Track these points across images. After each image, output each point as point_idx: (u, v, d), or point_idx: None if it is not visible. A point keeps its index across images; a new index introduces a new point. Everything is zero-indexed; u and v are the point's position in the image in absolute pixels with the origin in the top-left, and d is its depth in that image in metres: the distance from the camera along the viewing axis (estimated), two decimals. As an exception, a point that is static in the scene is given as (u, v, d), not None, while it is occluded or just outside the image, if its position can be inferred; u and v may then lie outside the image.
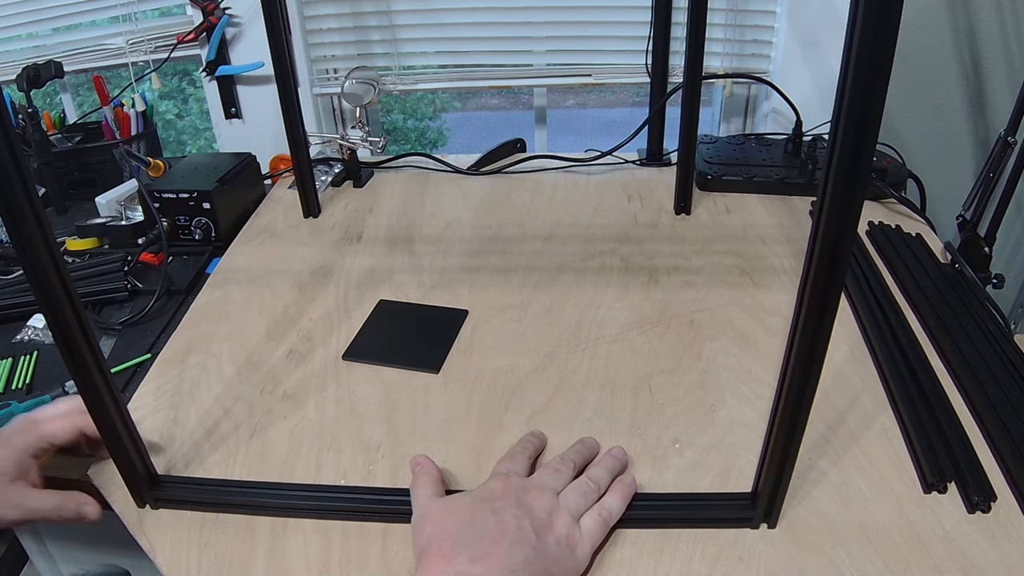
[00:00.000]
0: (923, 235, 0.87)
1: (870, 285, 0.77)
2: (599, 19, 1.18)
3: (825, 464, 0.56)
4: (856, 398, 0.63)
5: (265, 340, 0.74)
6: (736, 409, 0.62)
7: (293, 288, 0.83)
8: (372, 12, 1.18)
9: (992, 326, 0.69)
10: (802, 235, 0.89)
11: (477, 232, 0.94)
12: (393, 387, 0.67)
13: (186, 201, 0.93)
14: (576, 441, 0.57)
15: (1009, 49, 1.09)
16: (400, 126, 3.48)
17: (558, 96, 3.62)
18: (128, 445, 0.51)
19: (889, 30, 0.32)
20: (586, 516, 0.49)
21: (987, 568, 0.47)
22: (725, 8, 1.13)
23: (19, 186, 0.39)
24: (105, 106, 1.14)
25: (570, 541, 0.47)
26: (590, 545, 0.48)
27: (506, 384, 0.66)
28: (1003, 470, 0.54)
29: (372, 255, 0.89)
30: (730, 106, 1.29)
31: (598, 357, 0.69)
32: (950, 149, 1.19)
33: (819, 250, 0.38)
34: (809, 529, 0.51)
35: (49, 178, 1.08)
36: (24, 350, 0.76)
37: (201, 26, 1.16)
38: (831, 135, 0.36)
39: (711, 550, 0.50)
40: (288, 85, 0.90)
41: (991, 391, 0.61)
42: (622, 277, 0.82)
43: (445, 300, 0.79)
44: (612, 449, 0.56)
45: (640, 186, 1.05)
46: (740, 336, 0.71)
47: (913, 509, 0.52)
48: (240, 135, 1.28)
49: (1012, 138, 0.84)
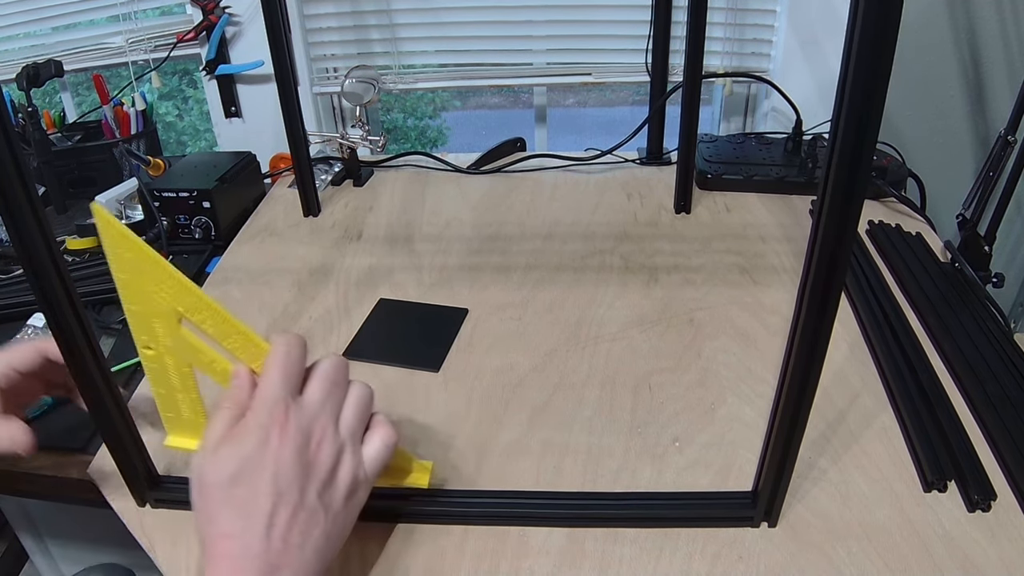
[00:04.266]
0: (923, 234, 0.87)
1: (870, 284, 0.77)
2: (599, 18, 1.18)
3: (825, 463, 0.56)
4: (856, 397, 0.63)
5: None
6: (736, 408, 0.62)
7: (293, 287, 0.83)
8: (372, 11, 1.18)
9: (992, 325, 0.70)
10: (802, 234, 0.89)
11: (477, 231, 0.94)
12: (393, 386, 0.67)
13: (186, 200, 0.93)
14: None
15: (1009, 49, 1.09)
16: (400, 125, 3.47)
17: (558, 95, 3.61)
18: (128, 445, 0.51)
19: (889, 30, 0.32)
20: (369, 445, 0.45)
21: (987, 567, 0.47)
22: (725, 7, 1.13)
23: (19, 185, 0.39)
24: (105, 105, 1.14)
25: (354, 486, 0.44)
26: (373, 477, 0.46)
27: (506, 383, 0.66)
28: (1003, 469, 0.54)
29: (372, 254, 0.90)
30: (730, 105, 1.29)
31: (598, 356, 0.69)
32: (950, 148, 1.19)
33: (819, 249, 0.38)
34: (809, 528, 0.51)
35: (49, 177, 1.08)
36: (24, 349, 0.76)
37: (201, 25, 1.16)
38: (831, 134, 0.36)
39: (711, 549, 0.50)
40: (288, 84, 0.90)
41: (991, 390, 0.61)
42: (622, 276, 0.82)
43: (445, 299, 0.79)
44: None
45: (640, 185, 1.05)
46: (740, 335, 0.71)
47: (913, 508, 0.52)
48: (240, 134, 1.28)
49: (1012, 137, 0.84)
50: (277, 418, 0.42)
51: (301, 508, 0.41)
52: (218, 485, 0.40)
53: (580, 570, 0.49)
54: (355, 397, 0.46)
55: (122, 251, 0.41)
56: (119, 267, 0.42)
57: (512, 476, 0.56)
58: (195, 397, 0.47)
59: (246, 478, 0.40)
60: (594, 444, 0.59)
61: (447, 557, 0.50)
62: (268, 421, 0.41)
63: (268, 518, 0.40)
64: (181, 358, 0.45)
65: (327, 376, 0.45)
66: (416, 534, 0.52)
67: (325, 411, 0.44)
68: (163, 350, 0.45)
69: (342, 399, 0.45)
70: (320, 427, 0.43)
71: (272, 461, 0.41)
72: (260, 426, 0.41)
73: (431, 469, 0.53)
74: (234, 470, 0.40)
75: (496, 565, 0.49)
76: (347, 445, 0.44)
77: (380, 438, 0.46)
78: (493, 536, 0.51)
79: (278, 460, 0.41)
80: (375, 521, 0.53)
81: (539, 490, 0.55)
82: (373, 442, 0.46)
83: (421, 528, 0.52)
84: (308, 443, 0.42)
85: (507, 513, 0.53)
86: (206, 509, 0.41)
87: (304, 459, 0.42)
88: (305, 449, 0.42)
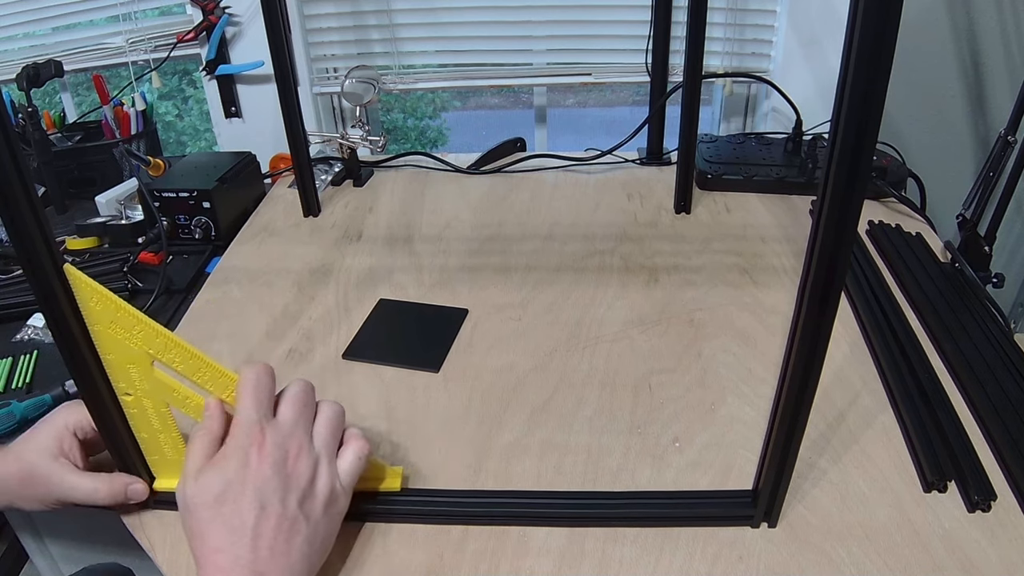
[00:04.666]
0: (923, 234, 0.87)
1: (870, 284, 0.77)
2: (599, 18, 1.18)
3: (825, 463, 0.56)
4: (856, 397, 0.63)
5: (265, 339, 0.74)
6: (736, 408, 0.62)
7: (293, 287, 0.83)
8: (372, 11, 1.18)
9: (992, 325, 0.70)
10: (802, 234, 0.89)
11: (477, 231, 0.94)
12: (393, 386, 0.67)
13: (186, 200, 0.93)
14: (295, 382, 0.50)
15: (1009, 49, 1.09)
16: (400, 125, 3.47)
17: (558, 95, 3.62)
18: (128, 445, 0.51)
19: (889, 30, 0.32)
20: (344, 459, 0.48)
21: (987, 567, 0.47)
22: (725, 7, 1.13)
23: (18, 185, 0.39)
24: (105, 105, 1.14)
25: (332, 496, 0.46)
26: (350, 488, 0.48)
27: (506, 383, 0.66)
28: (1003, 469, 0.54)
29: (372, 254, 0.89)
30: (730, 105, 1.29)
31: (598, 356, 0.69)
32: (950, 148, 1.19)
33: (819, 249, 0.38)
34: (809, 528, 0.51)
35: (49, 177, 1.08)
36: (24, 349, 0.76)
37: (201, 25, 1.16)
38: (831, 134, 0.36)
39: (711, 549, 0.50)
40: (288, 84, 0.90)
41: (991, 390, 0.61)
42: (622, 276, 0.82)
43: (445, 299, 0.79)
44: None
45: (640, 185, 1.05)
46: (740, 335, 0.71)
47: (913, 508, 0.52)
48: (240, 134, 1.28)
49: (1012, 137, 0.84)
50: (255, 438, 0.45)
51: (283, 518, 0.43)
52: (205, 506, 0.43)
53: (580, 570, 0.49)
54: (326, 415, 0.49)
55: (93, 303, 0.43)
56: (92, 319, 0.44)
57: (512, 476, 0.56)
58: (175, 436, 0.50)
59: (231, 496, 0.43)
60: (594, 444, 0.59)
61: (447, 557, 0.50)
62: (247, 442, 0.45)
63: (253, 530, 0.42)
64: (158, 398, 0.48)
65: (297, 398, 0.48)
66: (416, 534, 0.52)
67: (299, 428, 0.47)
68: (141, 394, 0.48)
69: (312, 417, 0.49)
70: (296, 443, 0.46)
71: (253, 478, 0.44)
72: (239, 448, 0.44)
73: (401, 473, 0.55)
74: (219, 491, 0.43)
75: (496, 565, 0.49)
76: (322, 458, 0.47)
77: (353, 451, 0.49)
78: (493, 536, 0.51)
79: (258, 476, 0.44)
80: (375, 521, 0.53)
81: (539, 490, 0.55)
82: (347, 455, 0.49)
83: (421, 528, 0.52)
84: (286, 458, 0.45)
85: (507, 513, 0.53)
86: (196, 529, 0.43)
87: (283, 473, 0.45)
88: (283, 464, 0.45)
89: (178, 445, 0.51)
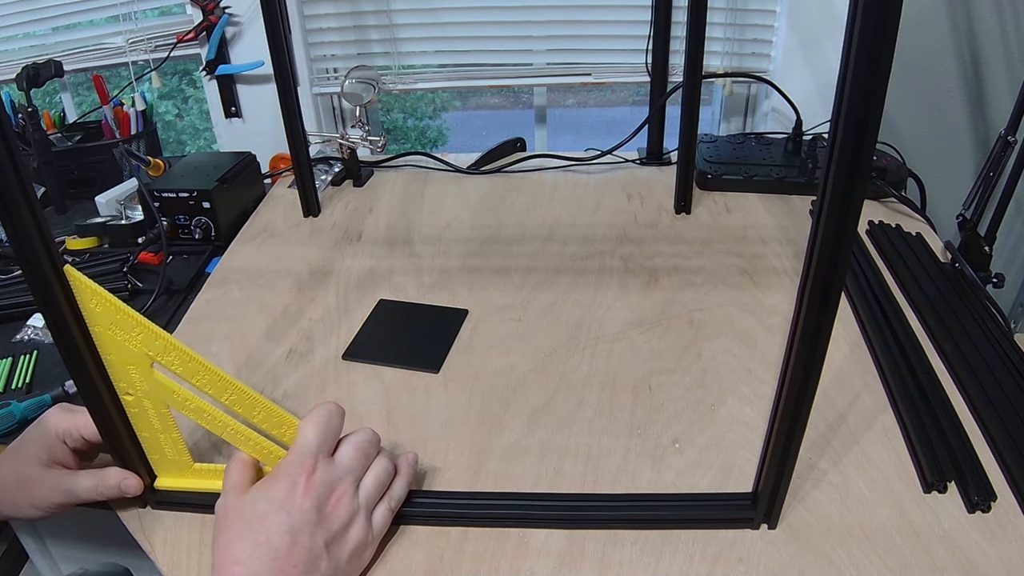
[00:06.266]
0: (923, 234, 0.87)
1: (870, 284, 0.77)
2: (599, 18, 1.18)
3: (825, 464, 0.56)
4: (856, 398, 0.63)
5: (265, 340, 0.74)
6: (736, 409, 0.62)
7: (293, 288, 0.83)
8: (372, 11, 1.18)
9: (992, 325, 0.69)
10: (802, 235, 0.89)
11: (477, 232, 0.94)
12: (393, 387, 0.67)
13: (186, 200, 0.93)
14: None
15: (1009, 49, 1.09)
16: (400, 125, 3.47)
17: (558, 95, 3.62)
18: (128, 445, 0.51)
19: (889, 30, 0.32)
20: (377, 511, 0.49)
21: (987, 568, 0.47)
22: (725, 7, 1.13)
23: (17, 186, 0.39)
24: (105, 105, 1.14)
25: (360, 548, 0.47)
26: (377, 541, 0.49)
27: (506, 384, 0.66)
28: (1003, 470, 0.54)
29: (372, 255, 0.89)
30: (730, 105, 1.29)
31: (598, 357, 0.69)
32: (950, 148, 1.19)
33: (819, 250, 0.38)
34: (809, 529, 0.51)
35: (49, 177, 1.08)
36: (24, 350, 0.76)
37: (201, 25, 1.16)
38: (831, 134, 0.36)
39: (711, 550, 0.50)
40: (288, 84, 0.90)
41: (991, 391, 0.61)
42: (622, 277, 0.82)
43: (445, 300, 0.79)
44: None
45: (640, 185, 1.05)
46: (740, 336, 0.71)
47: (913, 509, 0.52)
48: (240, 134, 1.28)
49: (1012, 137, 0.84)
50: (306, 468, 0.46)
51: (309, 552, 0.44)
52: (242, 522, 0.45)
53: (580, 571, 0.49)
54: (378, 470, 0.50)
55: (93, 305, 0.44)
56: (92, 320, 0.45)
57: (512, 477, 0.56)
58: (175, 436, 0.51)
59: (270, 518, 0.44)
60: (594, 445, 0.59)
61: (447, 558, 0.50)
62: (298, 471, 0.46)
63: (277, 551, 0.43)
64: (158, 399, 0.48)
65: (359, 445, 0.50)
66: (416, 535, 0.52)
67: (350, 475, 0.48)
68: (141, 394, 0.48)
69: (366, 468, 0.50)
70: (343, 487, 0.47)
71: (293, 507, 0.45)
72: (289, 474, 0.46)
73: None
74: (261, 510, 0.45)
75: (496, 567, 0.49)
76: (361, 511, 0.48)
77: (389, 506, 0.50)
78: (493, 537, 0.51)
79: (299, 507, 0.45)
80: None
81: (539, 491, 0.55)
82: (381, 508, 0.50)
83: (421, 530, 0.52)
84: (329, 498, 0.46)
85: (507, 514, 0.53)
86: (225, 539, 0.44)
87: (322, 511, 0.46)
88: (325, 502, 0.46)
89: (178, 445, 0.51)
